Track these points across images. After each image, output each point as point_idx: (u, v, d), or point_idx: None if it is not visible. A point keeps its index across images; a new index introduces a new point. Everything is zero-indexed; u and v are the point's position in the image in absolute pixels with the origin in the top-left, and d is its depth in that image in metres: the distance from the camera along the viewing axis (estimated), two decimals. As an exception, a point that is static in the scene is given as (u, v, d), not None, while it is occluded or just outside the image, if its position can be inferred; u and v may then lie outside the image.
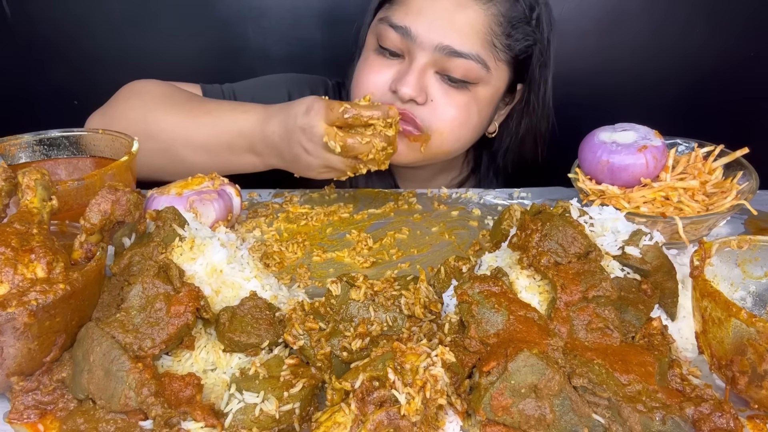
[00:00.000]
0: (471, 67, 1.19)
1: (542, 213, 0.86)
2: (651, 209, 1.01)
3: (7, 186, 0.80)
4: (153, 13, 1.87)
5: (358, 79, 1.28)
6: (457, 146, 1.29)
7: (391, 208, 1.24)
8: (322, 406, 0.71)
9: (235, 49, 1.92)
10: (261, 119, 1.18)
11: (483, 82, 1.22)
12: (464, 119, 1.24)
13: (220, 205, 1.04)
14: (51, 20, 1.88)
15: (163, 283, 0.75)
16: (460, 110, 1.22)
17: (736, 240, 0.82)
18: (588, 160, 1.08)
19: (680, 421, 0.63)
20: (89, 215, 0.79)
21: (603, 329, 0.73)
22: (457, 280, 0.86)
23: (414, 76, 1.18)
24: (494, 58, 1.22)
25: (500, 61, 1.23)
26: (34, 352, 0.69)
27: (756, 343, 0.66)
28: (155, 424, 0.65)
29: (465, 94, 1.22)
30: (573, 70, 1.88)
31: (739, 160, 1.07)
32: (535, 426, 0.64)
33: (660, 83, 1.89)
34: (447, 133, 1.23)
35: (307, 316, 0.76)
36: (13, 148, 1.11)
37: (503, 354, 0.67)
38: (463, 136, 1.26)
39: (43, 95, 1.97)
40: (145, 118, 1.24)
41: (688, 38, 1.84)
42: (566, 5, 1.83)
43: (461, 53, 1.17)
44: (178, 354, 0.75)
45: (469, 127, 1.26)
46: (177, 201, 1.01)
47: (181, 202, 1.01)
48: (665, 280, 0.81)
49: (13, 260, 0.69)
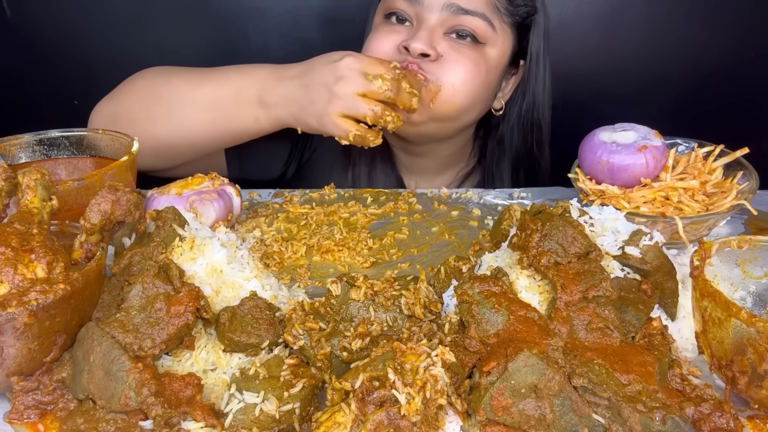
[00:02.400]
0: (478, 24, 1.25)
1: (542, 213, 0.86)
2: (651, 209, 1.01)
3: (7, 186, 0.80)
4: (153, 13, 1.87)
5: (368, 46, 1.32)
6: (469, 101, 1.28)
7: (391, 208, 1.24)
8: (322, 406, 0.71)
9: (235, 49, 1.92)
10: (276, 68, 1.22)
11: (490, 42, 1.28)
12: (475, 73, 1.26)
13: (220, 205, 1.04)
14: (51, 20, 1.88)
15: (163, 283, 0.75)
16: (471, 63, 1.26)
17: (736, 240, 0.82)
18: (588, 160, 1.08)
19: (680, 421, 0.63)
20: (89, 215, 0.79)
21: (603, 329, 0.73)
22: (457, 280, 0.86)
23: (425, 32, 1.23)
24: (499, 19, 1.28)
25: (504, 23, 1.29)
26: (34, 352, 0.69)
27: (756, 343, 0.66)
28: (155, 424, 0.65)
29: (475, 52, 1.27)
30: (573, 70, 1.88)
31: (739, 160, 1.07)
32: (535, 426, 0.64)
33: (660, 83, 1.89)
34: (458, 84, 1.25)
35: (307, 316, 0.76)
36: (13, 148, 1.11)
37: (503, 354, 0.67)
38: (473, 90, 1.28)
39: (43, 95, 1.97)
40: (155, 82, 1.27)
41: (688, 38, 1.84)
42: (566, 5, 1.84)
43: (468, 10, 1.24)
44: (178, 354, 0.75)
45: (479, 83, 1.28)
46: (177, 201, 1.01)
47: (181, 202, 1.01)
48: (665, 280, 0.81)
49: (13, 260, 0.69)
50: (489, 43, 1.28)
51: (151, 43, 1.90)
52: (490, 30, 1.26)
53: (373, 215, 1.21)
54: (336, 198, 1.29)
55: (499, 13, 1.27)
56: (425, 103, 1.23)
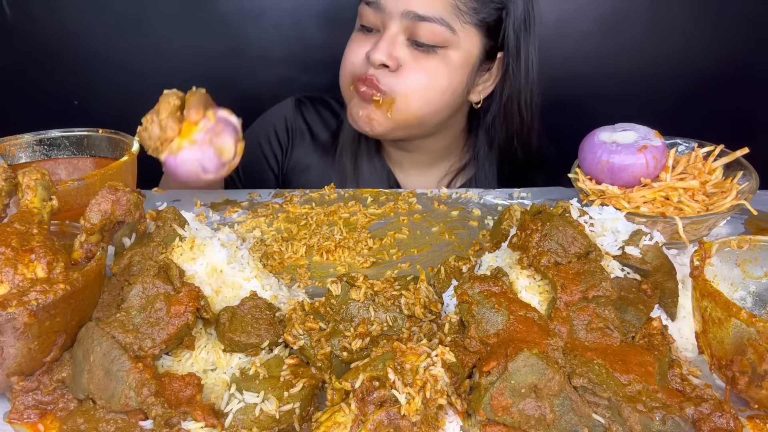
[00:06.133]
0: (436, 30, 1.26)
1: (542, 213, 0.86)
2: (651, 209, 1.01)
3: (7, 186, 0.80)
4: (153, 14, 1.87)
5: (343, 56, 1.38)
6: (426, 109, 1.32)
7: (391, 208, 1.24)
8: (322, 406, 0.71)
9: (235, 49, 1.92)
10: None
11: (452, 45, 1.29)
12: (431, 83, 1.30)
13: (230, 128, 1.08)
14: (51, 20, 1.88)
15: (163, 283, 0.75)
16: (428, 74, 1.29)
17: (736, 240, 0.82)
18: (588, 160, 1.08)
19: (680, 421, 0.64)
20: (89, 215, 0.79)
21: (603, 329, 0.73)
22: (457, 280, 0.86)
23: (385, 43, 1.27)
24: (459, 21, 1.28)
25: (467, 23, 1.29)
26: (34, 352, 0.69)
27: (756, 343, 0.66)
28: (155, 424, 0.65)
29: (434, 59, 1.29)
30: (573, 71, 1.88)
31: (739, 160, 1.07)
32: (535, 426, 0.64)
33: (660, 83, 1.89)
34: (412, 95, 1.29)
35: (307, 316, 0.76)
36: (13, 148, 1.11)
37: (503, 354, 0.67)
38: (431, 98, 1.31)
39: (43, 95, 1.97)
40: None
41: (689, 38, 1.84)
42: (566, 6, 1.84)
43: (425, 17, 1.25)
44: (178, 354, 0.75)
45: (438, 90, 1.31)
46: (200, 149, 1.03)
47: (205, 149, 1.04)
48: (665, 280, 0.81)
49: (13, 260, 0.69)
50: (451, 46, 1.28)
51: (151, 43, 1.90)
52: (449, 34, 1.27)
53: (373, 215, 1.21)
54: (336, 198, 1.29)
55: (459, 12, 1.27)
56: (384, 114, 1.30)
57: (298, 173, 1.59)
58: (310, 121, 1.60)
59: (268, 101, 1.64)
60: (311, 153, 1.58)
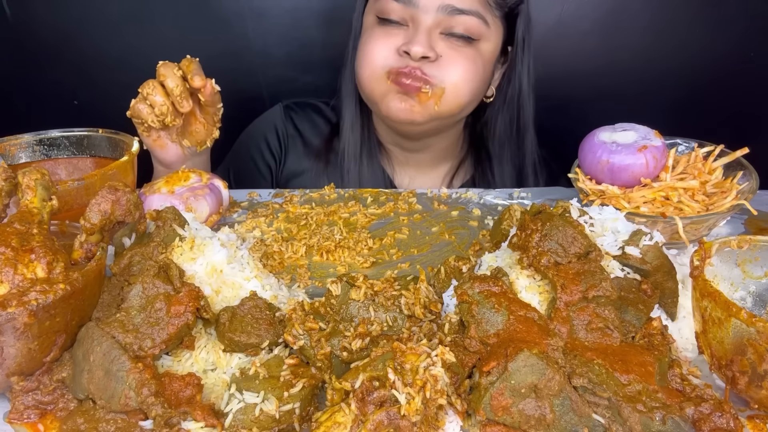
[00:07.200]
0: (473, 23, 1.28)
1: (542, 213, 0.86)
2: (651, 209, 1.01)
3: (7, 186, 0.80)
4: (153, 13, 1.87)
5: (364, 51, 1.35)
6: (469, 99, 1.34)
7: (391, 208, 1.24)
8: (322, 406, 0.71)
9: (235, 49, 1.92)
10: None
11: (484, 38, 1.31)
12: (474, 72, 1.31)
13: (212, 199, 1.06)
14: (51, 20, 1.87)
15: (163, 283, 0.75)
16: (469, 63, 1.30)
17: (736, 240, 0.82)
18: (588, 160, 1.08)
19: (680, 421, 0.63)
20: (89, 215, 0.79)
21: (603, 329, 0.73)
22: (457, 280, 0.86)
23: (423, 35, 1.26)
24: (491, 14, 1.31)
25: (496, 17, 1.33)
26: (34, 352, 0.69)
27: (756, 343, 0.66)
28: (155, 424, 0.65)
29: (470, 50, 1.31)
30: (573, 71, 1.88)
31: (739, 160, 1.07)
32: (535, 426, 0.64)
33: (660, 83, 1.89)
34: (461, 85, 1.30)
35: (307, 316, 0.76)
36: (13, 148, 1.11)
37: (503, 354, 0.67)
38: (474, 89, 1.33)
39: (43, 95, 1.97)
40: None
41: (689, 38, 1.84)
42: (566, 6, 1.83)
43: (463, 10, 1.26)
44: (178, 354, 0.75)
45: (479, 80, 1.33)
46: (171, 199, 1.01)
47: (175, 200, 1.01)
48: (665, 280, 0.81)
49: (13, 260, 0.69)
50: (483, 38, 1.31)
51: (151, 43, 1.90)
52: (484, 26, 1.30)
53: (373, 215, 1.21)
54: (336, 198, 1.29)
55: (490, 7, 1.31)
56: (430, 105, 1.28)
57: (292, 180, 1.59)
58: (300, 127, 1.60)
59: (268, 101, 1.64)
60: (304, 158, 1.59)
